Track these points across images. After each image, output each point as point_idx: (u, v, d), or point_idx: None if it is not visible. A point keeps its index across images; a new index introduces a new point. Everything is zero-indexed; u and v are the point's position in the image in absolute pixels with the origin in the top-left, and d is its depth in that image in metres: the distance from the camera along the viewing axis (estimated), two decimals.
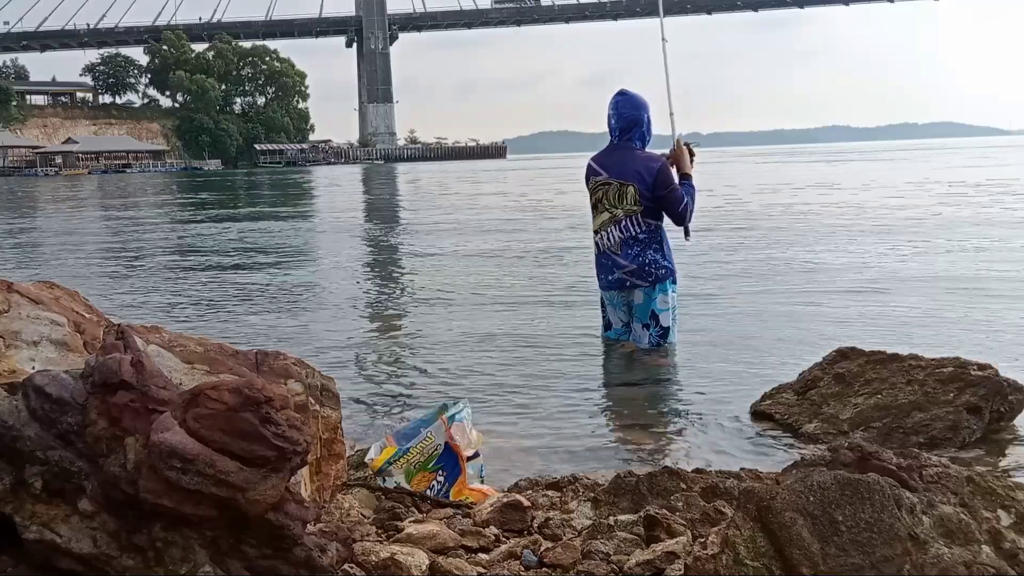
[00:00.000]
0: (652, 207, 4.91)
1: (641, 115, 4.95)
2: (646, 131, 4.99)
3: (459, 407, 2.74)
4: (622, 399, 4.19)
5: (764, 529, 1.63)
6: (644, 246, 4.93)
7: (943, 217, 13.60)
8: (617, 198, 4.94)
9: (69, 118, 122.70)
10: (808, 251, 9.93)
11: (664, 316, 4.98)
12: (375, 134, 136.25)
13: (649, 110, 5.01)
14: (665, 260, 4.96)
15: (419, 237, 13.82)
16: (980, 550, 1.66)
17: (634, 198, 4.89)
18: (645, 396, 4.21)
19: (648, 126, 5.00)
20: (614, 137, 5.01)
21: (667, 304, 4.97)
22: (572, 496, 2.52)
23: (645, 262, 4.93)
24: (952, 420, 3.25)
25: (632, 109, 4.95)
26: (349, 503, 2.35)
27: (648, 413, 3.94)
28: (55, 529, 1.58)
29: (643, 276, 4.95)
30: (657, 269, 4.93)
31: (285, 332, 6.12)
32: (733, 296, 7.04)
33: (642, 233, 4.93)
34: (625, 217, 4.93)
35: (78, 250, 13.31)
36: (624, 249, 4.96)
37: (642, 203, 4.89)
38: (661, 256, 4.95)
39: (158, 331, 1.91)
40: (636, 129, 4.94)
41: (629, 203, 4.91)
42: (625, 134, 4.96)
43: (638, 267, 4.94)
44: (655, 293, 4.95)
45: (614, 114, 4.97)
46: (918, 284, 7.33)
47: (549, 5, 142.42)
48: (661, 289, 4.95)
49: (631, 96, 5.00)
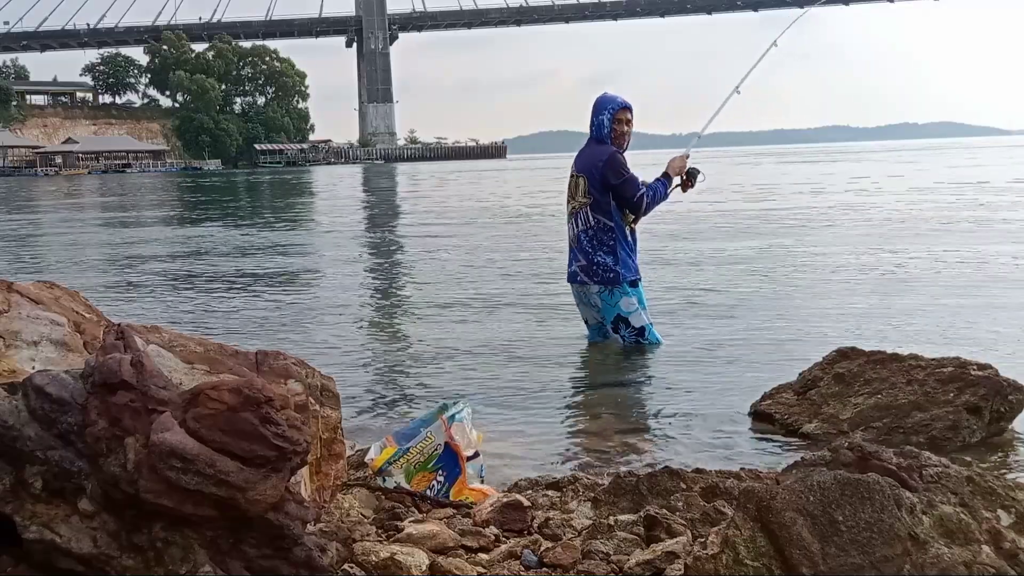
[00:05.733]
0: (602, 201, 4.96)
1: (594, 117, 5.06)
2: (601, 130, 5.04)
3: (459, 407, 2.74)
4: (622, 399, 4.19)
5: (764, 529, 1.63)
6: (595, 245, 5.00)
7: (943, 218, 13.60)
8: (574, 190, 5.09)
9: (69, 118, 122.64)
10: (808, 251, 9.92)
11: (635, 317, 5.03)
12: (375, 134, 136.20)
13: (603, 112, 5.05)
14: (616, 265, 4.98)
15: (419, 238, 13.82)
16: (980, 550, 1.66)
17: (584, 191, 5.00)
18: (645, 396, 4.22)
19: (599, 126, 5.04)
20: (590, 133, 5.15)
21: (632, 306, 5.02)
22: (572, 496, 2.52)
23: (594, 262, 5.01)
24: (952, 420, 3.25)
25: (592, 111, 5.08)
26: (349, 503, 2.35)
27: (648, 413, 3.94)
28: (55, 529, 1.58)
29: (590, 275, 5.03)
30: (605, 272, 4.99)
31: (285, 332, 6.12)
32: (733, 296, 7.03)
33: (591, 229, 4.99)
34: (579, 210, 5.05)
35: (78, 250, 13.31)
36: (579, 243, 5.09)
37: (591, 195, 4.97)
38: (612, 260, 4.98)
39: (158, 331, 1.91)
40: (595, 129, 5.06)
41: (580, 196, 5.03)
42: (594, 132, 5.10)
43: (587, 264, 5.04)
44: (615, 297, 5.01)
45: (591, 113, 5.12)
46: (918, 284, 7.32)
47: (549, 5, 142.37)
48: (621, 292, 5.00)
49: (601, 98, 5.12)
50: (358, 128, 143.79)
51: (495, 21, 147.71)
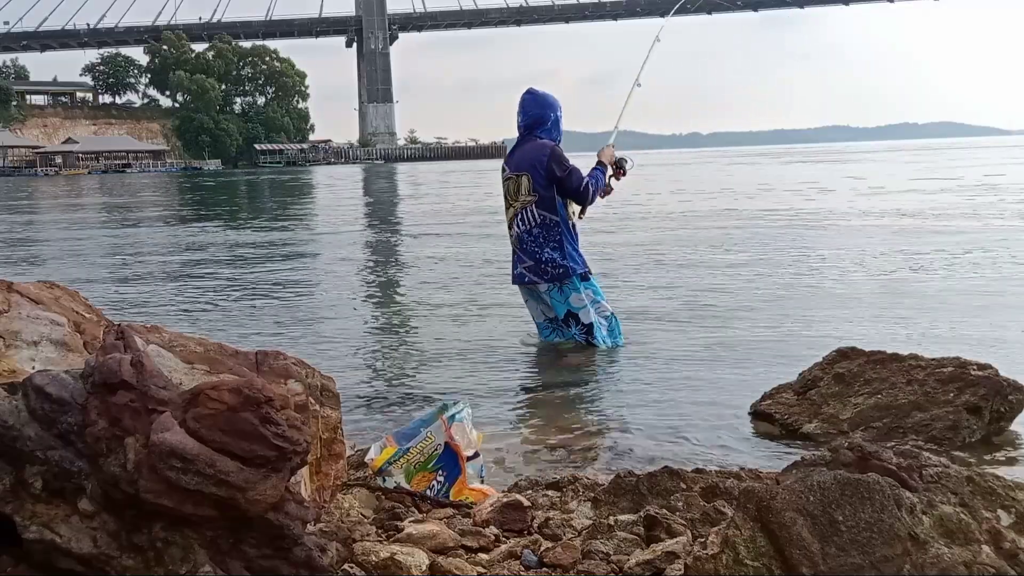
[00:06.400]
0: (547, 197, 4.92)
1: (546, 113, 5.00)
2: (551, 128, 5.01)
3: (459, 407, 2.74)
4: (622, 399, 4.19)
5: (764, 529, 1.63)
6: (541, 243, 4.96)
7: (945, 218, 13.59)
8: (516, 191, 5.01)
9: (69, 118, 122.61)
10: (808, 251, 9.92)
11: (584, 313, 5.00)
12: (375, 134, 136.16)
13: (557, 110, 5.04)
14: (564, 259, 4.95)
15: (419, 238, 13.82)
16: (980, 550, 1.66)
17: (528, 188, 4.94)
18: (645, 396, 4.21)
19: (555, 124, 5.02)
20: (520, 133, 5.08)
21: (582, 302, 4.99)
22: (572, 496, 2.52)
23: (542, 260, 4.97)
24: (952, 420, 3.25)
25: (537, 108, 5.01)
26: (349, 503, 2.35)
27: (648, 413, 3.94)
28: (55, 529, 1.57)
29: (539, 273, 4.99)
30: (554, 268, 4.96)
31: (285, 332, 6.12)
32: (733, 296, 7.03)
33: (536, 227, 4.95)
34: (522, 209, 4.99)
35: (78, 250, 13.31)
36: (523, 244, 5.04)
37: (535, 192, 4.92)
38: (560, 255, 4.95)
39: (158, 331, 1.91)
40: (540, 127, 4.99)
41: (524, 194, 4.97)
42: (530, 131, 5.01)
43: (534, 263, 4.99)
44: (566, 293, 4.98)
45: (520, 111, 5.04)
46: (918, 284, 7.33)
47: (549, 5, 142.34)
48: (571, 288, 4.96)
49: (538, 95, 5.06)
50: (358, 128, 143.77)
51: (495, 21, 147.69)
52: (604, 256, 10.10)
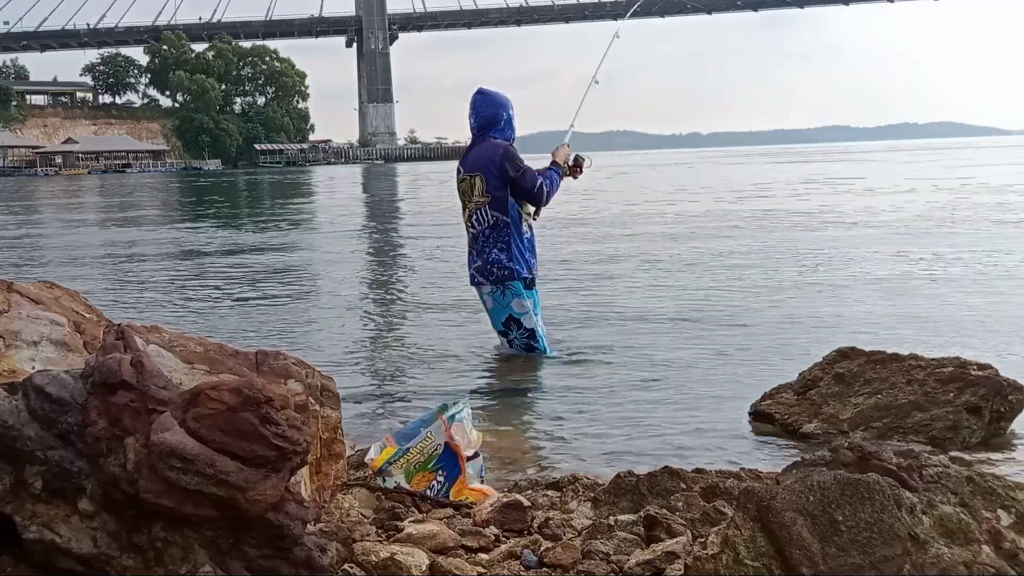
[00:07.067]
0: (500, 197, 4.84)
1: (499, 113, 4.94)
2: (504, 127, 4.95)
3: (459, 407, 2.74)
4: (622, 399, 4.19)
5: (764, 529, 1.63)
6: (490, 244, 4.88)
7: (945, 217, 13.59)
8: (470, 192, 4.94)
9: (69, 118, 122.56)
10: (808, 252, 9.92)
11: (526, 319, 4.90)
12: (375, 134, 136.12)
13: (510, 108, 4.98)
14: (510, 261, 4.86)
15: (419, 239, 13.81)
16: (980, 550, 1.66)
17: (481, 189, 4.86)
18: (644, 396, 4.21)
19: (508, 123, 4.96)
20: (473, 134, 5.01)
21: (525, 308, 4.89)
22: (572, 496, 2.52)
23: (489, 260, 4.89)
24: (952, 420, 3.25)
25: (489, 108, 4.94)
26: (349, 503, 2.35)
27: (648, 413, 3.94)
28: (55, 529, 1.57)
29: (485, 274, 4.92)
30: (500, 269, 4.87)
31: (285, 332, 6.12)
32: (732, 296, 7.03)
33: (488, 228, 4.87)
34: (476, 210, 4.92)
35: (78, 250, 13.30)
36: (474, 245, 4.98)
37: (488, 193, 4.84)
38: (506, 257, 4.86)
39: (158, 331, 1.91)
40: (493, 127, 4.92)
41: (477, 195, 4.89)
42: (483, 131, 4.95)
43: (482, 263, 4.92)
44: (507, 297, 4.88)
45: (472, 112, 4.97)
46: (919, 284, 7.33)
47: (549, 5, 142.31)
48: (513, 294, 4.87)
49: (489, 95, 5.00)
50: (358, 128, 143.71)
51: (495, 21, 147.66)
52: (604, 256, 10.10)
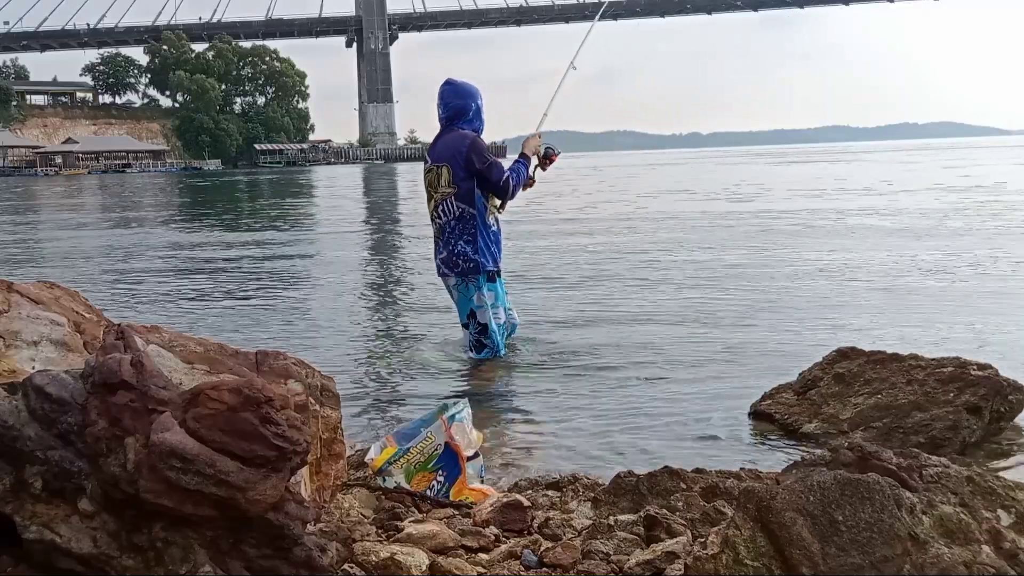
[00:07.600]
0: (465, 189, 4.82)
1: (467, 103, 4.90)
2: (473, 118, 4.92)
3: (459, 407, 2.74)
4: (622, 399, 4.19)
5: (764, 529, 1.63)
6: (456, 235, 4.86)
7: (944, 218, 13.59)
8: (436, 182, 4.91)
9: (69, 118, 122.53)
10: (808, 252, 9.92)
11: (481, 313, 4.88)
12: (375, 134, 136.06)
13: (478, 98, 4.94)
14: (475, 254, 4.83)
15: (419, 239, 13.81)
16: (980, 550, 1.66)
17: (447, 180, 4.83)
18: (644, 396, 4.21)
19: (476, 114, 4.92)
20: (441, 124, 4.97)
21: (483, 302, 4.87)
22: (572, 496, 2.52)
23: (454, 252, 4.87)
24: (952, 420, 3.24)
25: (457, 98, 4.90)
26: (349, 503, 2.35)
27: (648, 413, 3.94)
28: (55, 529, 1.58)
29: (450, 266, 4.90)
30: (464, 262, 4.85)
31: (285, 332, 6.12)
32: (733, 296, 7.03)
33: (454, 219, 4.84)
34: (442, 201, 4.88)
35: (78, 250, 13.31)
36: (440, 236, 4.94)
37: (455, 184, 4.81)
38: (472, 249, 4.83)
39: (158, 331, 1.91)
40: (461, 118, 4.89)
41: (444, 186, 4.86)
42: (451, 122, 4.91)
43: (447, 255, 4.90)
44: (471, 290, 4.87)
45: (440, 103, 4.93)
46: (919, 284, 7.32)
47: (549, 5, 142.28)
48: (476, 287, 4.85)
49: (457, 85, 4.95)
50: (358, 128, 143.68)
51: (495, 21, 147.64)
52: (604, 256, 10.10)
